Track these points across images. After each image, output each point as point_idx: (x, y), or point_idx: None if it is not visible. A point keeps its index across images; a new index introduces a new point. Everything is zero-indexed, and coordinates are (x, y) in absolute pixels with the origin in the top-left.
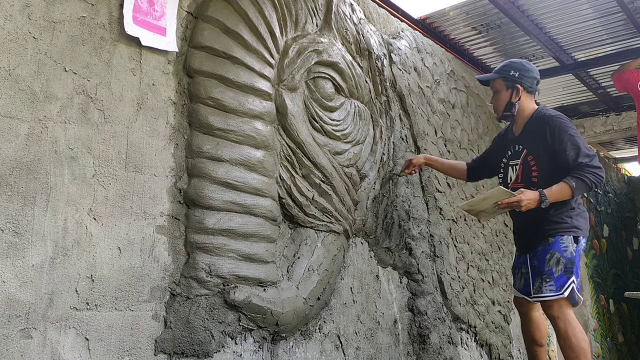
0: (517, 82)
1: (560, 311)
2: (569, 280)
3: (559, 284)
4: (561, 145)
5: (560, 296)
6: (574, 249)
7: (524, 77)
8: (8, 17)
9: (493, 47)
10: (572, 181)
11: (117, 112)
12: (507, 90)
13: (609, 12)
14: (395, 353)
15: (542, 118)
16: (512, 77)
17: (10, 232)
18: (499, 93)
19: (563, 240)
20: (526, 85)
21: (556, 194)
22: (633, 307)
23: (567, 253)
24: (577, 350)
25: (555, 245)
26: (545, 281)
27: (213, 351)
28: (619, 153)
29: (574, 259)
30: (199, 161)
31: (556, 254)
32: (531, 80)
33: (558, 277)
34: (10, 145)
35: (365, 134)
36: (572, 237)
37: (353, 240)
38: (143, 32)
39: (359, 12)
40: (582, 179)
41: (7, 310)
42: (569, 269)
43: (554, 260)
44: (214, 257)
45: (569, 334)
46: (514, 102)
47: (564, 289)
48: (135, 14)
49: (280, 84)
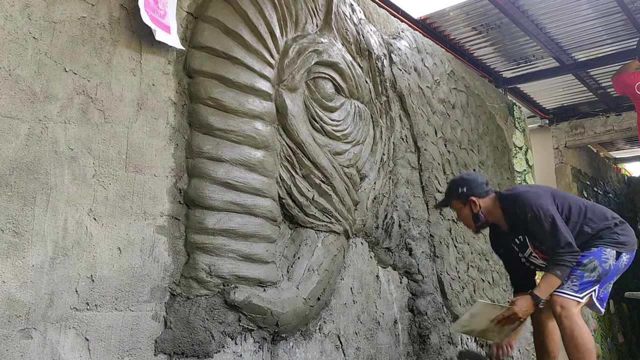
0: (469, 196)
1: (568, 311)
2: (592, 289)
3: (582, 287)
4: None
5: (578, 299)
6: (613, 263)
7: (472, 189)
8: (8, 17)
9: (493, 47)
10: (557, 271)
11: (117, 112)
12: (465, 206)
13: (609, 12)
14: (395, 353)
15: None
16: (462, 193)
17: (10, 232)
18: (461, 211)
19: (606, 252)
20: (477, 193)
21: (547, 290)
22: (633, 308)
23: (606, 265)
24: (583, 350)
25: (597, 254)
26: (571, 280)
27: (213, 351)
28: (619, 153)
29: (608, 273)
30: (199, 161)
31: (595, 261)
32: (480, 187)
33: (585, 282)
34: (10, 145)
35: (366, 134)
36: (616, 252)
37: (353, 240)
38: (155, 27)
39: (359, 12)
40: (563, 265)
41: (7, 310)
42: (599, 280)
43: (590, 266)
44: (214, 258)
45: (575, 333)
46: (477, 212)
47: (583, 295)
48: (147, 9)
49: (280, 84)
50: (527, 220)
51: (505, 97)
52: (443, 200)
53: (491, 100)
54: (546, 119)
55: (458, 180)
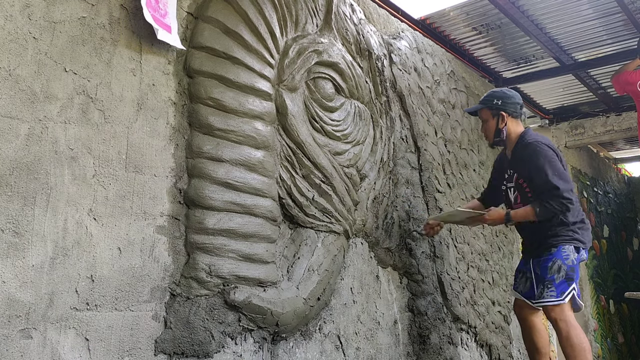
0: (501, 110)
1: (562, 314)
2: (570, 287)
3: (560, 290)
4: (534, 170)
5: (561, 302)
6: (574, 258)
7: (507, 104)
8: (8, 17)
9: (493, 47)
10: (537, 207)
11: (117, 112)
12: (493, 118)
13: (609, 12)
14: (395, 353)
15: (523, 144)
16: (495, 105)
17: (10, 232)
18: (487, 122)
19: (565, 250)
20: (510, 111)
21: (521, 216)
22: (633, 308)
23: (569, 261)
24: (578, 351)
25: (557, 254)
26: (547, 287)
27: (213, 351)
28: (619, 153)
29: (574, 267)
30: (199, 161)
31: (558, 261)
32: (514, 106)
33: (559, 284)
34: (10, 145)
35: (366, 134)
36: (574, 247)
37: (353, 240)
38: (156, 26)
39: (359, 12)
40: (547, 207)
41: (7, 310)
42: (570, 276)
43: (555, 268)
44: (214, 258)
45: (570, 334)
46: (501, 128)
47: (564, 295)
48: (148, 7)
49: (280, 84)
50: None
51: None
52: (475, 107)
53: None
54: (546, 119)
55: (497, 92)
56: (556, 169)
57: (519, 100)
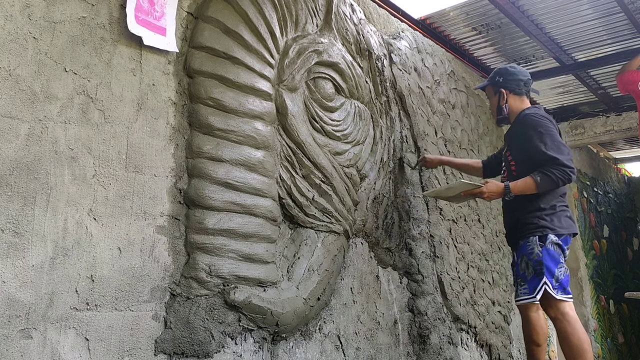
0: (501, 87)
1: (560, 311)
2: (541, 282)
3: (532, 286)
4: (531, 141)
5: (532, 299)
6: (539, 250)
7: (507, 81)
8: (8, 17)
9: (493, 47)
10: (538, 176)
11: (117, 112)
12: (495, 95)
13: (609, 12)
14: (395, 353)
15: (522, 118)
16: (497, 82)
17: (10, 232)
18: (491, 99)
19: (529, 243)
20: (511, 88)
21: (521, 188)
22: (633, 308)
23: (533, 255)
24: (577, 350)
25: (523, 249)
26: (520, 285)
27: (213, 351)
28: (619, 153)
29: (541, 260)
30: (199, 161)
31: (525, 257)
32: (516, 82)
33: (531, 280)
34: (10, 145)
35: (366, 134)
36: (537, 238)
37: (353, 240)
38: (145, 32)
39: (359, 12)
40: (548, 175)
41: (7, 310)
42: (538, 270)
43: (524, 264)
44: (214, 258)
45: (568, 333)
46: (502, 105)
47: (536, 292)
48: (137, 13)
49: (280, 84)
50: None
51: None
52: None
53: None
54: None
55: (501, 70)
56: (554, 139)
57: (522, 76)
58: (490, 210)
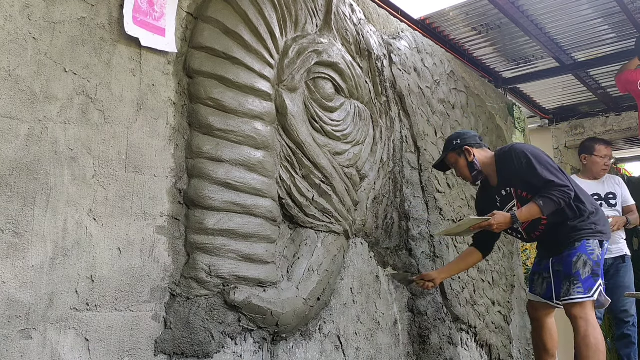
0: (462, 146)
1: (583, 311)
2: (597, 283)
3: (587, 286)
4: (526, 171)
5: (589, 298)
6: (599, 253)
7: (465, 140)
8: (8, 17)
9: (493, 47)
10: (540, 200)
11: (117, 112)
12: (460, 157)
13: (609, 12)
14: (395, 354)
15: (504, 155)
16: (456, 145)
17: (10, 232)
18: (457, 163)
19: (590, 244)
20: (471, 143)
21: (527, 214)
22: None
23: (594, 256)
24: (594, 351)
25: (581, 248)
26: (573, 284)
27: (213, 352)
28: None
29: (599, 262)
30: (199, 162)
31: (583, 256)
32: (473, 138)
33: (586, 280)
34: (10, 145)
35: (365, 134)
36: (598, 241)
37: (353, 240)
38: (143, 33)
39: (359, 12)
40: (549, 197)
41: (7, 310)
42: (596, 271)
43: (581, 263)
44: (214, 258)
45: (588, 333)
46: (472, 160)
47: (592, 291)
48: (135, 14)
49: (280, 84)
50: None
51: (505, 98)
52: (440, 158)
53: (491, 100)
54: (546, 119)
55: (452, 135)
56: (543, 162)
57: (474, 133)
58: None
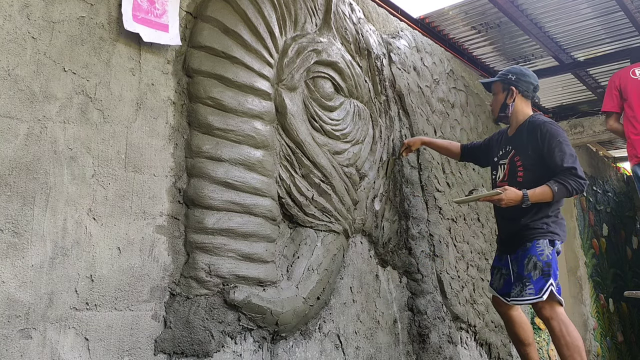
0: (512, 85)
1: (553, 311)
2: (547, 283)
3: (538, 287)
4: (550, 150)
5: (539, 299)
6: (549, 252)
7: (519, 81)
8: (7, 17)
9: (492, 46)
10: (555, 185)
11: (116, 112)
12: (502, 92)
13: (609, 11)
14: (395, 352)
15: (535, 123)
16: (508, 80)
17: (9, 232)
18: (497, 95)
19: (539, 244)
20: (521, 89)
21: (539, 196)
22: (632, 307)
23: (544, 257)
24: (572, 348)
25: (532, 250)
26: (525, 285)
27: (213, 351)
28: (619, 152)
29: (550, 262)
30: (198, 161)
31: (533, 257)
32: (527, 85)
33: (537, 281)
34: (9, 145)
35: (365, 133)
36: (548, 241)
37: (353, 239)
38: (143, 29)
39: (358, 11)
40: (565, 185)
41: (6, 310)
42: (546, 272)
43: (531, 265)
44: (214, 257)
45: (563, 332)
46: (508, 103)
47: (542, 292)
48: (136, 12)
49: (279, 83)
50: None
51: None
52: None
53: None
54: None
55: (514, 69)
56: (572, 150)
57: (534, 81)
58: (490, 209)
